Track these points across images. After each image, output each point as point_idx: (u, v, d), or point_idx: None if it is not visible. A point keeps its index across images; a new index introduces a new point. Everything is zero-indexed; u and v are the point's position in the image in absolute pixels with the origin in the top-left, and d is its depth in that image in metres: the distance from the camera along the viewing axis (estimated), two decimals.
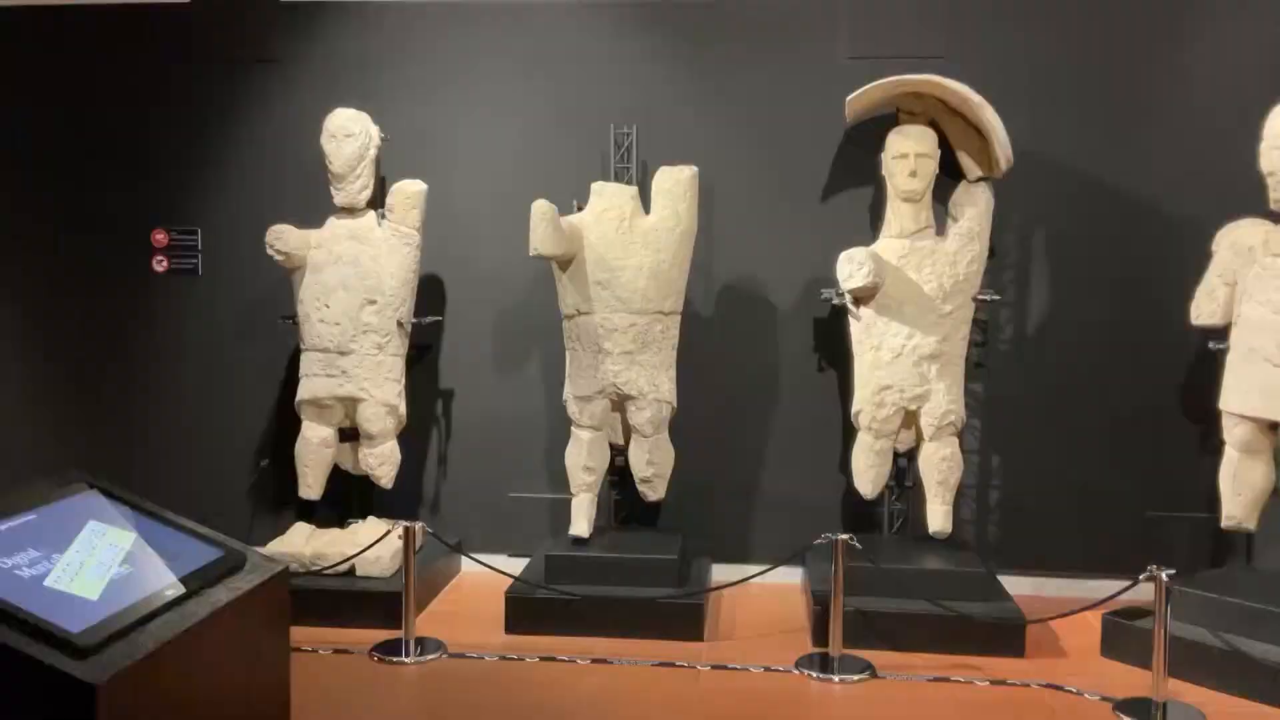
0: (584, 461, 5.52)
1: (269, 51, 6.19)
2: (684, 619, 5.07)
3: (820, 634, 4.86)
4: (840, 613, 4.70)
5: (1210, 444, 5.37)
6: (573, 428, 5.57)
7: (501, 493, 6.17)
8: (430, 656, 4.84)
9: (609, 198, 5.46)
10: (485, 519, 6.17)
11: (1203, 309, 5.10)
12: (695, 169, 5.48)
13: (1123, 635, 4.83)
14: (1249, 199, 5.00)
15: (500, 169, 6.08)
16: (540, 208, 5.12)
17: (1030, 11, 5.73)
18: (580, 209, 5.57)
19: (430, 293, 6.08)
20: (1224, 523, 5.10)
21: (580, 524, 5.50)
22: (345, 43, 6.16)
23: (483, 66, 6.08)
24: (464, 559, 5.95)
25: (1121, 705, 4.30)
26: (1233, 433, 4.99)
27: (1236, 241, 5.01)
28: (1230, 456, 5.03)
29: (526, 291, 6.07)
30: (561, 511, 5.86)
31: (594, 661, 4.78)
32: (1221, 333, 5.09)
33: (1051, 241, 5.80)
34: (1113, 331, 5.76)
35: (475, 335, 6.17)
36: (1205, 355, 5.34)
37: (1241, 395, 4.92)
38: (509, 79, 6.08)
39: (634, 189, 5.51)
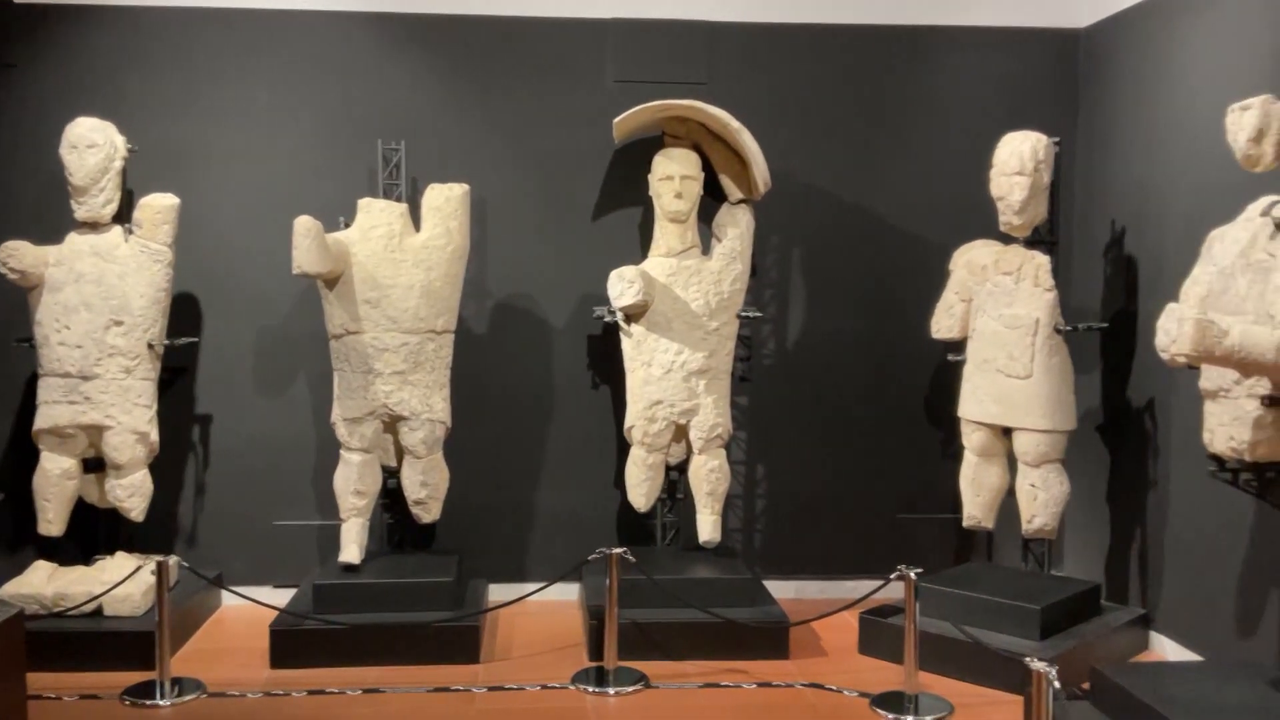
0: (354, 485, 5.36)
1: (5, 56, 5.73)
2: (459, 642, 5.00)
3: (596, 648, 4.91)
4: (615, 626, 4.76)
5: (952, 449, 5.77)
6: (342, 450, 5.41)
7: (266, 521, 5.91)
8: (188, 697, 4.58)
9: (377, 215, 5.35)
10: (248, 550, 5.89)
11: (941, 323, 5.49)
12: (466, 187, 5.44)
13: (878, 633, 5.11)
14: (983, 222, 5.42)
15: (261, 184, 5.85)
16: (304, 224, 4.96)
17: (786, 42, 6.01)
18: (347, 226, 5.43)
19: (185, 313, 5.78)
20: (965, 522, 5.50)
21: (350, 550, 5.35)
22: (89, 48, 5.77)
23: (241, 76, 5.84)
24: (224, 593, 5.67)
25: (878, 700, 4.55)
26: (971, 438, 5.39)
27: (971, 261, 5.42)
28: (969, 460, 5.43)
29: (290, 311, 5.86)
30: (331, 538, 5.68)
31: (365, 692, 4.65)
32: (959, 345, 5.48)
33: (808, 260, 6.10)
34: (864, 345, 6.11)
35: (235, 357, 5.90)
36: (946, 366, 5.75)
37: (977, 403, 5.31)
38: (270, 90, 5.86)
39: (403, 206, 5.42)
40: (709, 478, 5.57)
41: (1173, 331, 3.62)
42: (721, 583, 5.27)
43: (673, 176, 5.47)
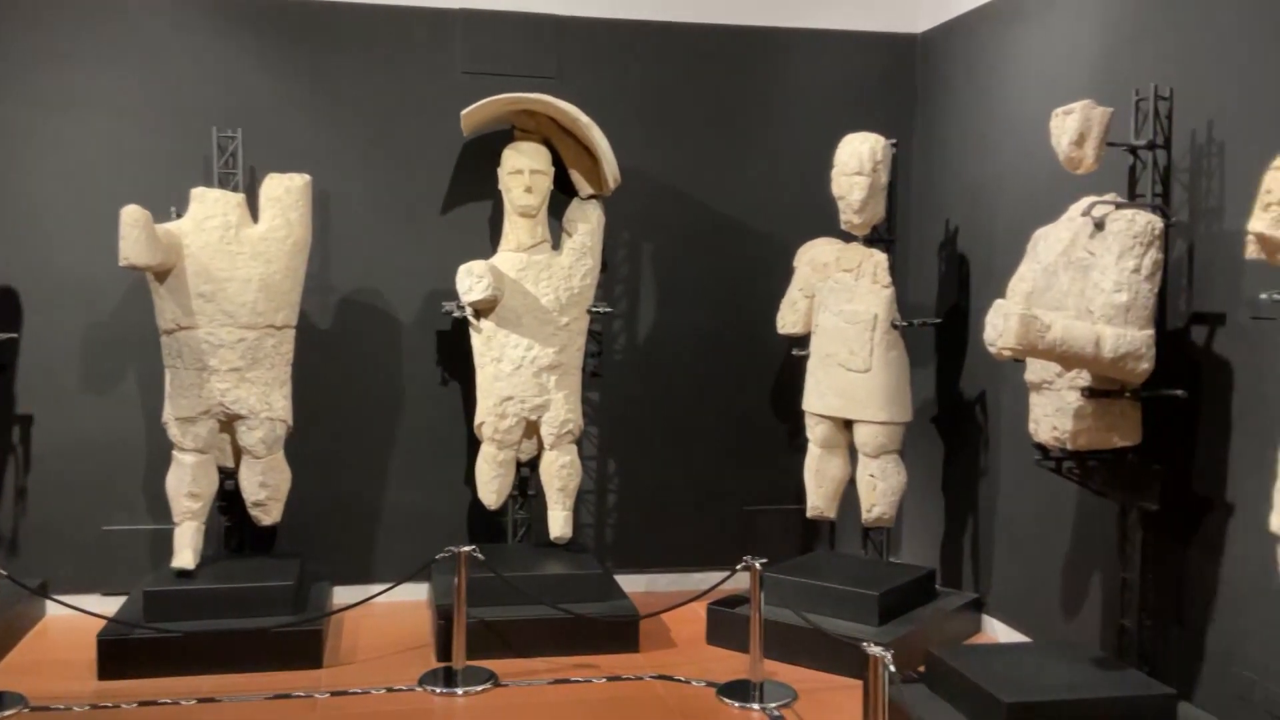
0: (188, 488, 5.14)
1: None
2: (301, 647, 4.85)
3: (444, 648, 4.84)
4: (463, 625, 4.70)
5: (797, 441, 5.91)
6: (175, 451, 5.17)
7: (94, 526, 5.61)
8: (8, 712, 4.31)
9: (211, 205, 5.13)
10: (75, 556, 5.58)
11: (786, 319, 5.62)
12: (308, 177, 5.28)
13: (725, 623, 5.19)
14: (826, 220, 5.56)
15: (86, 171, 5.54)
16: (131, 213, 4.72)
17: (636, 38, 6.04)
18: (179, 216, 5.20)
19: (3, 307, 5.43)
20: (809, 513, 5.63)
21: (185, 555, 5.12)
22: None
23: (67, 58, 5.52)
24: (49, 602, 5.36)
25: (724, 689, 4.62)
26: (814, 431, 5.53)
27: (814, 258, 5.56)
28: (813, 452, 5.56)
29: (118, 305, 5.57)
30: (163, 543, 5.43)
31: (201, 702, 4.46)
32: (804, 340, 5.61)
33: (658, 256, 6.14)
34: (714, 340, 6.19)
35: (58, 353, 5.57)
36: (791, 361, 5.87)
37: (820, 397, 5.45)
38: (96, 72, 5.55)
39: (240, 196, 5.22)
40: (560, 474, 5.55)
41: (999, 326, 3.77)
42: (572, 578, 5.26)
43: (522, 170, 5.43)
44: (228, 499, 5.45)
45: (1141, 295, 3.86)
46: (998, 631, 5.37)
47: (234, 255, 5.09)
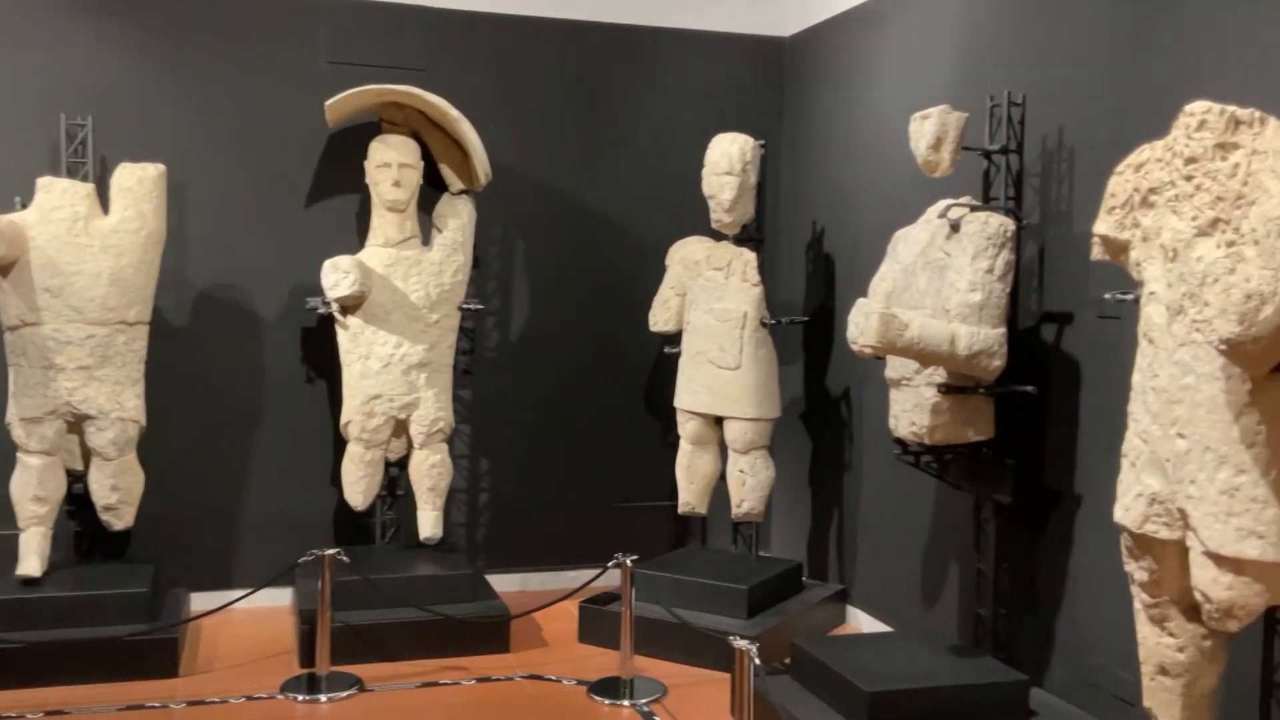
0: (34, 491, 4.88)
1: None
2: (156, 656, 4.66)
3: (308, 654, 4.71)
4: (327, 630, 4.59)
5: (669, 438, 5.94)
6: (19, 454, 4.91)
7: None
8: None
9: (59, 195, 4.89)
10: None
11: (658, 317, 5.65)
12: (162, 167, 5.07)
13: (596, 620, 5.19)
14: (698, 218, 5.60)
15: None
16: None
17: (508, 33, 5.98)
18: (24, 207, 4.94)
19: None
20: (680, 509, 5.67)
21: (30, 561, 4.87)
22: None
23: None
24: None
25: (595, 686, 4.62)
26: (685, 427, 5.57)
27: (685, 257, 5.60)
28: (684, 449, 5.60)
29: None
30: (8, 549, 5.14)
31: (48, 715, 4.25)
32: (676, 338, 5.65)
33: (531, 253, 6.10)
34: (586, 337, 6.18)
35: None
36: (663, 358, 5.91)
37: (691, 394, 5.50)
38: None
39: (90, 187, 4.98)
40: (430, 473, 5.47)
41: (861, 324, 3.86)
42: (442, 579, 5.19)
43: (390, 164, 5.32)
44: (77, 503, 5.19)
45: (994, 295, 4.00)
46: (861, 622, 5.51)
47: (83, 248, 4.86)
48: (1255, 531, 2.69)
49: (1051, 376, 4.23)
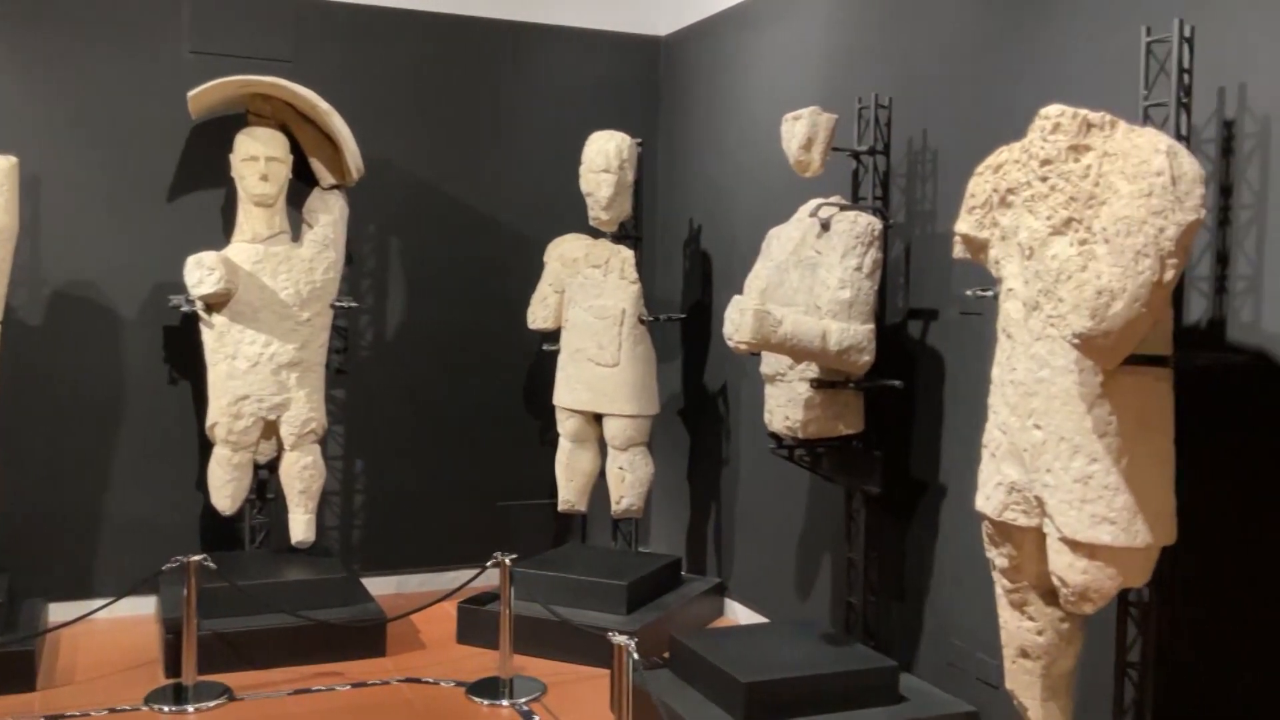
0: None
1: None
2: (12, 669, 4.44)
3: (173, 664, 4.55)
4: (194, 638, 4.44)
5: (549, 436, 5.93)
6: None
7: None
8: None
9: None
10: None
11: (537, 314, 5.63)
12: (14, 159, 4.82)
13: (476, 620, 5.14)
14: (577, 215, 5.60)
15: None
16: None
17: (379, 25, 5.87)
18: None
19: None
20: (560, 506, 5.67)
21: None
22: None
23: None
24: None
25: (474, 687, 4.58)
26: (565, 425, 5.56)
27: (564, 254, 5.59)
28: (564, 446, 5.60)
29: None
30: None
31: None
32: (554, 335, 5.64)
33: (406, 250, 6.01)
34: (464, 335, 6.11)
35: None
36: (542, 356, 5.89)
37: (570, 391, 5.49)
38: None
39: None
40: (302, 475, 5.33)
41: (736, 321, 3.92)
42: (314, 583, 5.07)
43: (257, 157, 5.17)
44: None
45: (863, 292, 4.10)
46: (739, 614, 5.59)
47: None
48: (1108, 518, 2.82)
49: (917, 371, 4.36)
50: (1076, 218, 2.86)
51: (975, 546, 3.49)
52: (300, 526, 5.33)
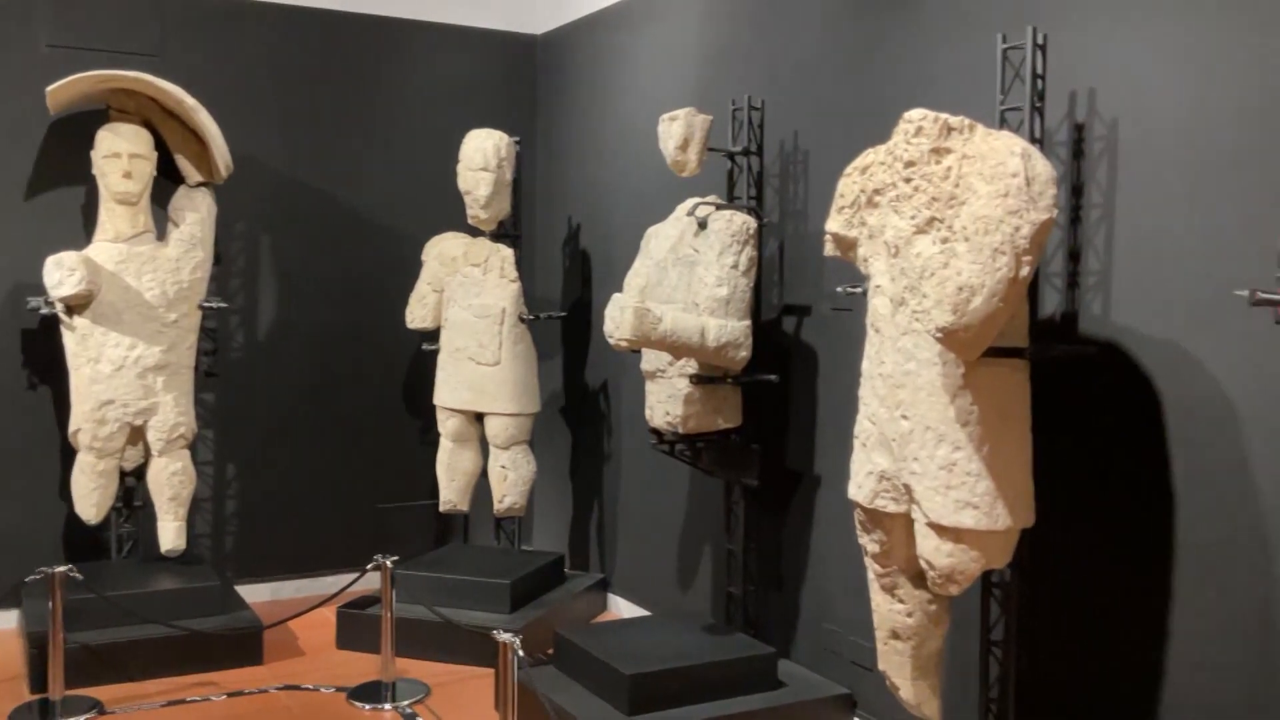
0: None
1: None
2: None
3: (39, 679, 4.38)
4: (60, 652, 4.27)
5: (430, 436, 5.88)
6: None
7: None
8: None
9: None
10: None
11: (415, 314, 5.58)
12: None
13: (356, 625, 5.08)
14: (455, 214, 5.56)
15: None
16: None
17: (248, 19, 5.73)
18: None
19: None
20: (442, 507, 5.64)
21: None
22: None
23: None
24: None
25: (355, 692, 4.52)
26: (446, 425, 5.53)
27: (442, 252, 5.56)
28: (445, 446, 5.56)
29: None
30: None
31: None
32: (433, 335, 5.60)
33: (278, 249, 5.88)
34: (341, 336, 6.02)
35: None
36: (421, 356, 5.84)
37: (451, 390, 5.46)
38: None
39: None
40: (171, 481, 5.17)
41: (616, 319, 3.96)
42: (186, 592, 4.93)
43: (120, 154, 5.00)
44: None
45: (740, 289, 4.20)
46: (622, 609, 5.65)
47: None
48: (971, 503, 2.95)
49: (793, 365, 4.48)
50: (939, 217, 2.99)
51: (849, 534, 3.61)
52: (170, 534, 5.17)
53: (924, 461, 3.00)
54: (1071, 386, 3.27)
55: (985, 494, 2.95)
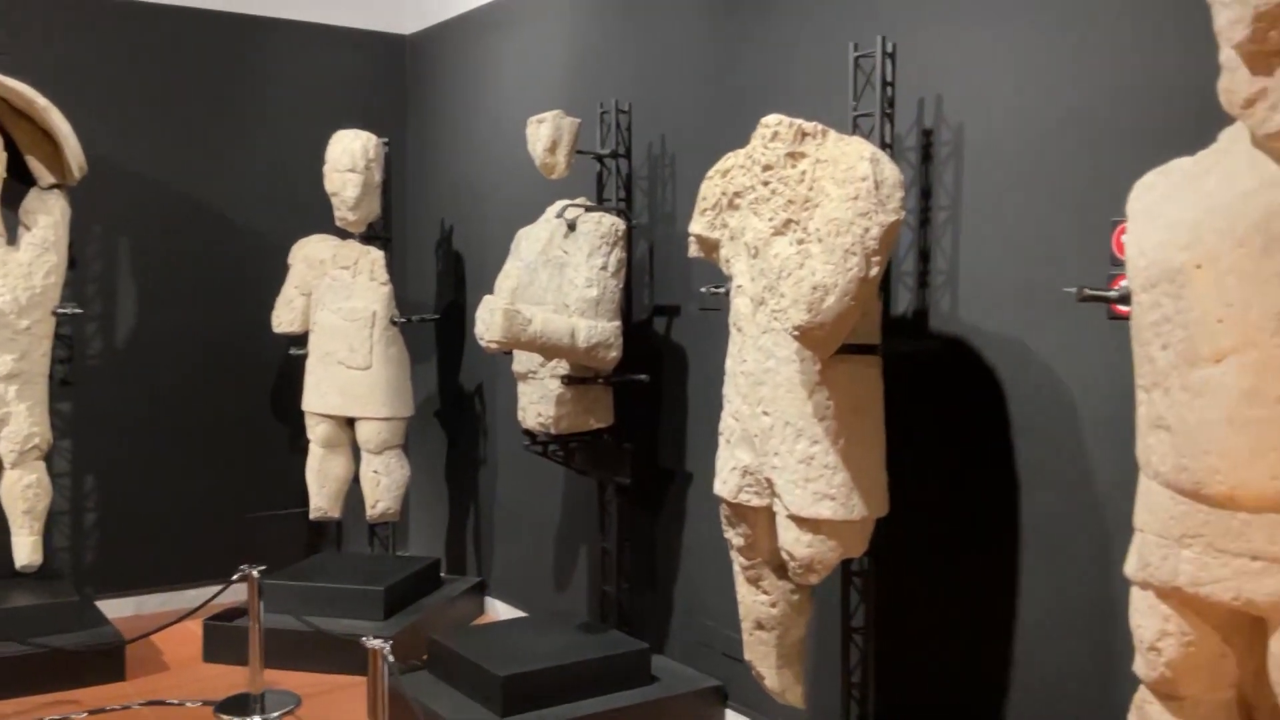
0: None
1: None
2: None
3: None
4: None
5: (300, 443, 5.77)
6: None
7: None
8: None
9: None
10: None
11: (282, 317, 5.48)
12: None
13: (223, 637, 4.96)
14: (323, 215, 5.48)
15: None
16: None
17: (100, 15, 5.54)
18: None
19: None
20: (312, 514, 5.55)
21: None
22: None
23: None
24: None
25: (223, 705, 4.42)
26: (315, 430, 5.44)
27: (309, 255, 5.47)
28: (315, 452, 5.48)
29: None
30: None
31: None
32: (302, 339, 5.51)
33: (137, 252, 5.70)
34: (205, 341, 5.86)
35: None
36: (290, 360, 5.73)
37: (320, 396, 5.38)
38: None
39: None
40: (25, 494, 4.97)
41: (486, 320, 3.97)
42: (44, 608, 4.75)
43: None
44: None
45: (609, 290, 4.25)
46: (500, 611, 5.64)
47: None
48: (828, 494, 3.05)
49: (664, 365, 4.55)
50: (795, 219, 3.08)
51: (718, 529, 3.69)
52: (25, 549, 4.97)
53: (784, 456, 3.09)
54: (922, 381, 3.41)
55: (842, 485, 3.06)
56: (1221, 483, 2.08)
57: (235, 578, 4.42)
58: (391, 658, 3.49)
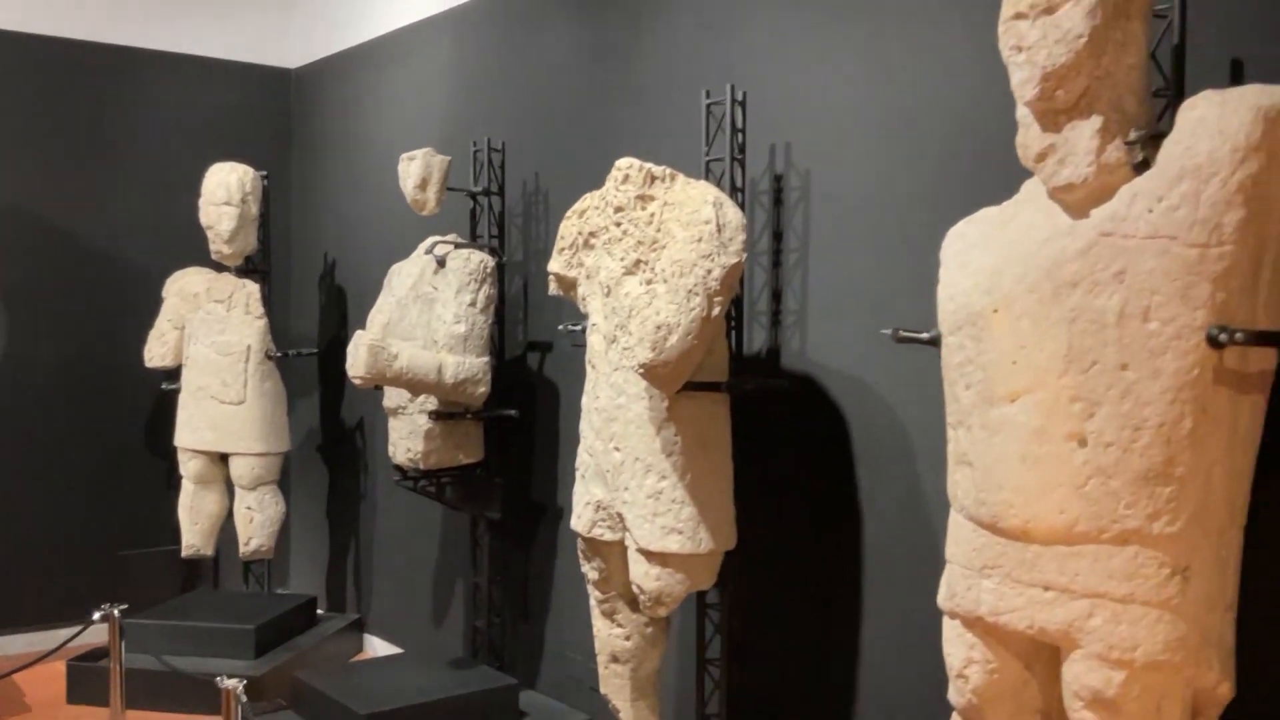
0: None
1: None
2: None
3: None
4: None
5: (175, 479, 5.67)
6: None
7: None
8: None
9: None
10: None
11: (154, 351, 5.40)
12: None
13: (87, 678, 4.83)
14: (199, 248, 5.42)
15: None
16: None
17: None
18: None
19: None
20: (184, 552, 5.44)
21: None
22: None
23: None
24: None
25: None
26: (187, 466, 5.36)
27: (184, 288, 5.41)
28: (187, 489, 5.39)
29: None
30: None
31: None
32: (174, 373, 5.43)
33: (4, 283, 5.57)
34: (75, 376, 5.74)
35: None
36: (163, 395, 5.64)
37: (192, 431, 5.30)
38: None
39: None
40: None
41: (352, 355, 3.97)
42: None
43: None
44: None
45: (478, 326, 4.28)
46: (378, 648, 5.59)
47: None
48: (675, 528, 3.12)
49: (536, 400, 4.59)
50: (644, 259, 3.17)
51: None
52: None
53: (634, 490, 3.15)
54: (771, 417, 3.51)
55: (689, 519, 3.12)
56: (1015, 516, 2.20)
57: (96, 617, 4.33)
58: (245, 698, 3.45)
